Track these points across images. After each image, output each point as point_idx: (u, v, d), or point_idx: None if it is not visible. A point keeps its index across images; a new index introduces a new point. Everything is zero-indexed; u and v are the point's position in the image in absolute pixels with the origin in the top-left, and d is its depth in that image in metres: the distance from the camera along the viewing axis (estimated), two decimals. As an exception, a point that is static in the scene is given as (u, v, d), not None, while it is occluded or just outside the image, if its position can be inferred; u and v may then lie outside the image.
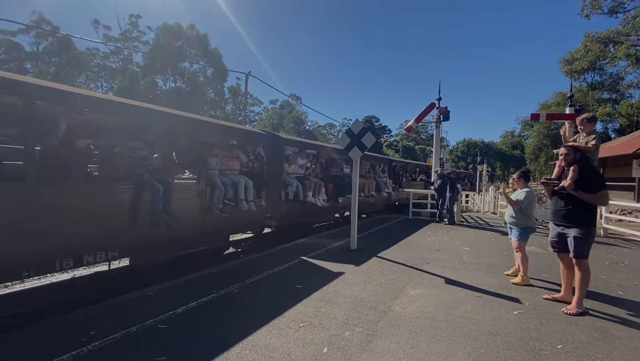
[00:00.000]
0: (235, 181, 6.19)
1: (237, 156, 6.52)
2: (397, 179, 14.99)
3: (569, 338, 3.04)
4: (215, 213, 5.73)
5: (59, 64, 37.05)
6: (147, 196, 4.64)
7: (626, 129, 27.34)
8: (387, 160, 14.82)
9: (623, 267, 5.72)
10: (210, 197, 5.70)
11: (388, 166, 14.27)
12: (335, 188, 9.40)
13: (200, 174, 5.67)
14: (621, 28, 23.13)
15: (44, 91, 3.79)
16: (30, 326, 3.06)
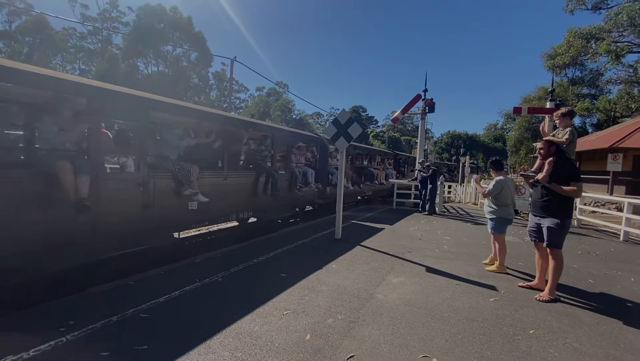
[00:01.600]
0: (304, 171, 8.95)
1: (304, 153, 9.20)
2: (400, 170, 17.87)
3: (541, 323, 3.19)
4: (295, 191, 8.53)
5: (33, 43, 35.15)
6: (267, 180, 7.38)
7: (603, 124, 28.30)
8: (393, 154, 18.01)
9: (594, 257, 6.00)
10: (293, 181, 8.48)
11: (394, 159, 17.49)
12: (359, 176, 12.34)
13: (287, 167, 8.37)
14: (603, 24, 23.66)
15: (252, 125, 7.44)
16: (6, 316, 2.97)
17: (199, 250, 5.76)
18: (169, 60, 38.97)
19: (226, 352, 2.51)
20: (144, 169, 4.80)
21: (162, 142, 5.54)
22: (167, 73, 37.83)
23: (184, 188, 5.31)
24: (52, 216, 3.74)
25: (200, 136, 6.05)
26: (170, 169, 5.19)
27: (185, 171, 5.29)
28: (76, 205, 3.91)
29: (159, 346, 2.55)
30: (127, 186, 4.57)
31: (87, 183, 3.98)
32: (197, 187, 5.48)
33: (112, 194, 4.34)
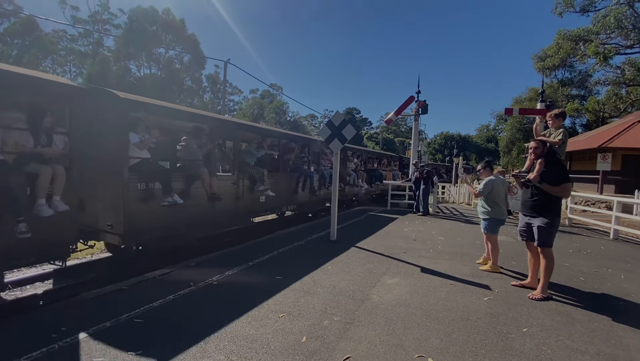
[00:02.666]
0: (330, 173, 10.08)
1: (329, 158, 10.87)
2: (404, 171, 19.32)
3: (534, 321, 3.23)
4: (324, 189, 10.37)
5: (22, 46, 34.63)
6: (306, 180, 9.26)
7: (592, 124, 28.82)
8: (398, 157, 20.47)
9: (585, 255, 6.10)
10: (323, 181, 10.36)
11: (399, 161, 19.85)
12: (370, 177, 14.15)
13: (318, 170, 10.33)
14: (591, 27, 24.11)
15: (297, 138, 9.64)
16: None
17: (263, 232, 7.63)
18: (162, 62, 38.66)
19: (222, 356, 2.50)
20: (237, 172, 6.83)
21: (246, 153, 7.48)
22: (159, 76, 37.53)
23: (258, 185, 7.35)
24: (201, 203, 5.88)
25: (265, 147, 8.05)
26: (250, 172, 7.15)
27: (260, 173, 7.30)
28: (210, 197, 5.99)
29: (154, 351, 2.52)
30: (228, 184, 6.64)
31: (215, 182, 6.09)
32: (267, 185, 7.53)
33: (223, 190, 6.37)
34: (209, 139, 6.28)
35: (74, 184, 4.05)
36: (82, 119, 4.17)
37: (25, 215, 3.53)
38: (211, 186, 5.96)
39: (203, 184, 5.83)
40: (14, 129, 3.69)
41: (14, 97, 3.76)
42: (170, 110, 5.78)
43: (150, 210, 5.01)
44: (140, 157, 4.97)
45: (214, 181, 6.03)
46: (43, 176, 3.65)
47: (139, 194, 4.87)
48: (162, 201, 5.18)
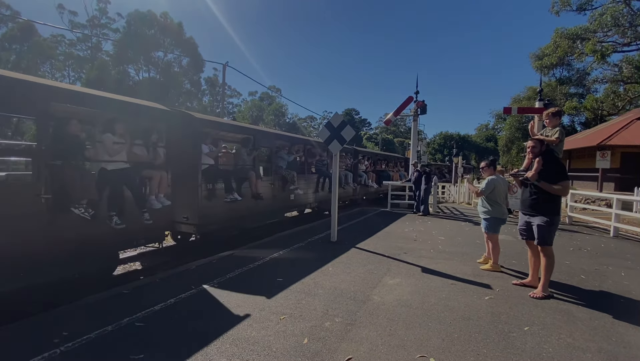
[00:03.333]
0: (346, 174, 11.96)
1: (344, 161, 12.26)
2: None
3: (535, 320, 3.24)
4: (341, 189, 11.11)
5: (21, 51, 34.66)
6: (325, 181, 10.36)
7: (591, 122, 28.86)
8: (405, 158, 21.10)
9: (586, 253, 6.10)
10: (340, 182, 10.97)
11: (405, 162, 20.20)
12: (379, 178, 15.22)
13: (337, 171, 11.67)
14: (589, 25, 24.20)
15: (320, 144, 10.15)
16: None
17: (291, 225, 8.63)
18: (160, 66, 38.73)
19: (224, 359, 2.50)
20: (273, 174, 8.12)
21: (279, 157, 8.62)
22: (158, 79, 37.58)
23: (289, 185, 8.60)
24: (249, 200, 7.12)
25: (294, 152, 9.32)
26: (283, 174, 8.44)
27: (291, 175, 8.62)
28: (255, 195, 7.25)
29: (156, 355, 2.53)
30: (267, 185, 7.81)
31: (260, 183, 7.35)
32: (296, 185, 8.87)
33: (264, 189, 7.58)
34: (254, 147, 7.45)
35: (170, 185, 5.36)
36: (171, 135, 5.40)
37: (145, 207, 4.91)
38: (256, 186, 7.29)
39: (250, 184, 7.14)
40: (135, 145, 4.93)
41: (133, 122, 4.95)
42: (226, 125, 7.65)
43: (217, 205, 6.35)
44: (209, 163, 6.28)
45: (259, 182, 7.38)
46: (154, 179, 5.04)
47: (208, 192, 6.16)
48: (225, 198, 6.56)
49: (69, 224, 3.97)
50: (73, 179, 4.00)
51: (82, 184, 4.11)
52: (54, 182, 3.81)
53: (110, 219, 4.44)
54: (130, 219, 4.69)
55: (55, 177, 3.83)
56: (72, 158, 4.10)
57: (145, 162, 5.01)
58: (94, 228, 4.23)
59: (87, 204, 4.15)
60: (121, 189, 4.61)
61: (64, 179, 3.93)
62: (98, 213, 4.27)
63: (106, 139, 4.55)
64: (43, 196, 3.67)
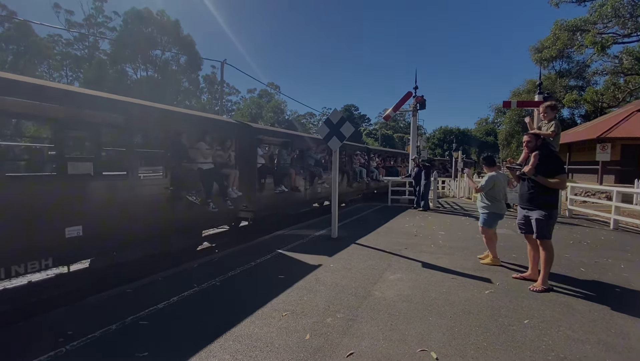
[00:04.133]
0: (360, 170, 13.49)
1: (359, 159, 14.08)
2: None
3: (535, 313, 3.27)
4: (356, 183, 13.07)
5: (18, 51, 34.52)
6: (344, 176, 11.76)
7: (591, 115, 28.79)
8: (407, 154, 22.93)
9: (585, 246, 6.12)
10: (355, 177, 12.99)
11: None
12: (388, 173, 16.48)
13: (352, 167, 12.95)
14: (588, 16, 24.02)
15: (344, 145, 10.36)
16: (4, 327, 2.95)
17: (320, 213, 10.37)
18: (158, 64, 38.61)
19: (227, 355, 2.54)
20: (305, 171, 9.68)
21: (309, 157, 10.13)
22: (156, 78, 37.47)
23: (318, 180, 10.20)
24: (289, 192, 8.59)
25: (320, 152, 10.95)
26: (312, 171, 10.03)
27: (319, 171, 10.24)
28: (293, 188, 8.86)
29: (160, 353, 2.56)
30: (301, 179, 9.44)
31: (297, 178, 8.99)
32: (322, 179, 10.35)
33: (299, 184, 9.26)
34: (292, 149, 9.20)
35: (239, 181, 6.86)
36: (237, 141, 7.05)
37: (227, 196, 6.49)
38: (295, 181, 8.94)
39: (290, 179, 8.74)
40: (217, 150, 6.62)
41: (215, 133, 6.86)
42: (273, 131, 9.55)
43: (268, 196, 7.99)
44: (262, 163, 8.01)
45: (297, 178, 9.02)
46: (231, 176, 6.65)
47: (262, 186, 7.80)
48: (276, 190, 8.21)
49: (184, 207, 5.60)
50: (185, 175, 5.63)
51: (190, 179, 5.77)
52: (174, 178, 5.40)
53: (208, 205, 6.03)
54: (219, 205, 6.31)
55: (174, 175, 5.42)
56: (183, 161, 5.69)
57: (224, 163, 6.59)
58: (198, 211, 5.86)
59: (196, 192, 5.78)
60: (212, 182, 6.14)
61: (180, 175, 5.50)
62: (202, 199, 5.91)
63: (201, 147, 6.19)
64: (169, 188, 5.32)
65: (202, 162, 6.06)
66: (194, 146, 6.11)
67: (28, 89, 3.69)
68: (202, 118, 6.71)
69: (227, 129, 7.04)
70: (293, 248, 5.78)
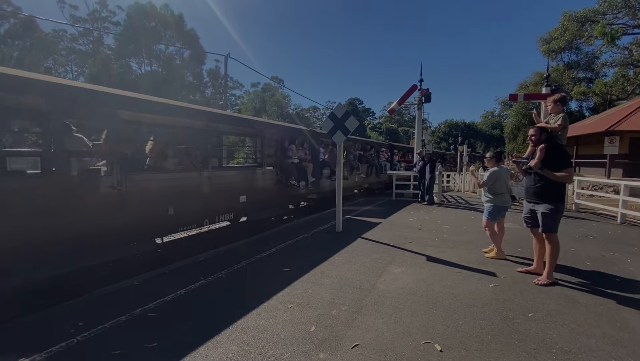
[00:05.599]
0: (385, 164, 15.66)
1: (384, 154, 16.55)
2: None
3: (540, 306, 3.27)
4: (382, 175, 15.12)
5: (23, 47, 34.74)
6: (373, 169, 14.29)
7: (600, 108, 28.33)
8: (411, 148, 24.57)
9: (592, 240, 6.09)
10: (381, 169, 15.05)
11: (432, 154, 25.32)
12: (407, 167, 17.44)
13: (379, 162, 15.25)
14: (598, 7, 23.54)
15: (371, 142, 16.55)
16: (17, 319, 3.03)
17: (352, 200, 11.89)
18: (162, 59, 38.64)
19: (234, 346, 2.58)
20: (348, 164, 11.81)
21: (350, 153, 12.34)
22: (160, 72, 37.53)
23: (356, 171, 12.61)
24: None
25: (357, 149, 13.26)
26: (352, 164, 12.28)
27: (357, 164, 12.69)
28: (344, 177, 9.84)
29: (168, 343, 2.61)
30: (346, 170, 11.31)
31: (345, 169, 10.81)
32: (359, 171, 12.80)
33: (346, 174, 11.12)
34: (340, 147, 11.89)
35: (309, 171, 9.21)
36: (309, 143, 9.79)
37: (307, 181, 9.05)
38: (345, 172, 10.72)
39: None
40: (299, 149, 9.19)
41: (299, 137, 9.39)
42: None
43: (326, 183, 10.37)
44: (323, 158, 10.67)
45: (344, 169, 10.69)
46: (309, 168, 9.13)
47: (322, 175, 10.19)
48: (331, 179, 10.29)
49: (288, 189, 8.43)
50: (288, 168, 8.31)
51: (290, 170, 8.45)
52: (282, 169, 8.16)
53: (300, 187, 8.75)
54: (303, 187, 8.83)
55: (282, 167, 8.18)
56: (286, 158, 8.41)
57: (304, 159, 9.11)
58: (297, 190, 8.75)
59: (294, 179, 8.47)
60: (299, 172, 8.66)
61: (285, 168, 8.26)
62: (296, 183, 8.57)
63: (292, 148, 8.72)
64: (280, 176, 8.04)
65: (293, 158, 8.68)
66: (289, 147, 8.64)
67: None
68: (292, 128, 9.43)
69: (304, 135, 9.61)
70: (295, 242, 5.82)
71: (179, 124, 5.59)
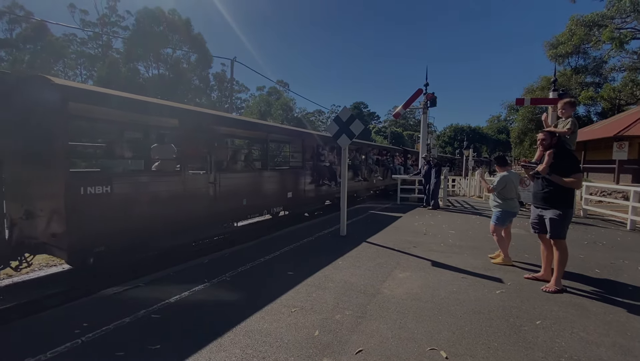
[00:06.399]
0: (400, 168, 17.09)
1: (398, 158, 18.19)
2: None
3: (548, 314, 3.21)
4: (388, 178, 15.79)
5: (34, 51, 35.36)
6: (388, 172, 15.70)
7: (608, 113, 28.01)
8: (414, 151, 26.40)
9: (601, 246, 5.98)
10: (394, 172, 15.96)
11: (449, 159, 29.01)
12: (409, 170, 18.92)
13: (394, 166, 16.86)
14: (606, 11, 23.33)
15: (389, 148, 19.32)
16: (22, 319, 3.05)
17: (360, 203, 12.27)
18: (169, 63, 39.04)
19: (237, 349, 2.57)
20: (368, 167, 13.55)
21: (369, 158, 14.07)
22: (167, 76, 37.91)
23: (374, 173, 13.99)
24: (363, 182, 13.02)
25: (375, 154, 15.05)
26: (371, 167, 13.74)
27: (375, 167, 14.08)
28: (365, 178, 13.09)
29: (172, 346, 2.61)
30: (367, 172, 13.25)
31: (366, 172, 13.29)
32: (377, 173, 14.28)
33: (367, 176, 13.27)
34: (362, 152, 13.52)
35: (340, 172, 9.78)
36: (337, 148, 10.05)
37: (337, 182, 10.09)
38: (365, 174, 12.84)
39: (361, 173, 12.56)
40: (330, 154, 10.49)
41: (329, 144, 10.39)
42: (356, 143, 12.73)
43: (353, 184, 11.84)
44: (350, 162, 11.60)
45: (365, 172, 12.90)
46: (337, 169, 10.03)
47: (352, 176, 11.85)
48: (354, 180, 11.96)
49: (322, 188, 9.98)
50: (322, 170, 9.75)
51: (324, 172, 9.92)
52: (317, 171, 9.68)
53: (331, 186, 10.13)
54: (334, 186, 10.17)
55: (317, 170, 9.75)
56: (320, 161, 9.94)
57: (334, 162, 10.40)
58: (329, 189, 10.25)
59: (326, 180, 9.88)
60: (330, 173, 10.24)
61: (320, 170, 9.80)
62: (329, 183, 9.99)
63: (325, 153, 10.05)
64: (315, 177, 9.59)
65: (326, 162, 10.17)
66: (322, 152, 10.12)
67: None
68: (325, 136, 10.49)
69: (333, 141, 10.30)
70: (298, 246, 5.80)
71: (251, 135, 9.28)
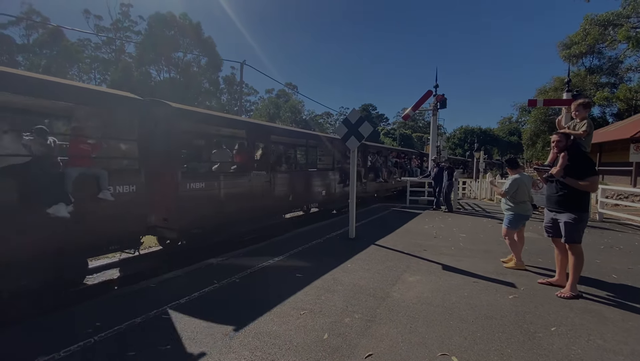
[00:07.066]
0: (416, 170, 17.67)
1: (415, 161, 19.49)
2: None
3: (563, 320, 3.13)
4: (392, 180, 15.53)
5: (50, 56, 36.36)
6: (405, 174, 16.27)
7: (624, 114, 27.28)
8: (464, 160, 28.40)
9: (618, 251, 5.81)
10: (411, 174, 16.50)
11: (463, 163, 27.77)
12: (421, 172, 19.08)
13: (411, 168, 17.87)
14: (621, 10, 22.80)
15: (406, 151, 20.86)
16: (37, 318, 3.11)
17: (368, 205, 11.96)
18: (180, 66, 39.65)
19: (246, 351, 2.57)
20: (388, 170, 14.64)
21: (388, 160, 15.25)
22: (178, 79, 38.50)
23: (393, 174, 15.05)
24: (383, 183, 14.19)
25: (394, 157, 16.13)
26: (390, 170, 14.83)
27: (394, 169, 15.41)
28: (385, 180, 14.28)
29: (182, 346, 2.63)
30: (386, 175, 14.27)
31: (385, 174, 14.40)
32: (395, 175, 15.35)
33: (386, 177, 14.31)
34: (381, 155, 14.81)
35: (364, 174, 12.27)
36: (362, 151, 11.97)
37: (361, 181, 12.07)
38: (385, 175, 13.82)
39: (382, 174, 13.55)
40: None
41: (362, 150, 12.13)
42: (374, 145, 14.46)
43: (373, 184, 13.03)
44: (370, 164, 12.92)
45: (385, 173, 13.85)
46: (362, 171, 11.98)
47: (368, 177, 12.67)
48: (378, 180, 13.20)
49: (347, 188, 9.41)
50: (348, 172, 8.43)
51: (346, 173, 10.03)
52: (344, 172, 10.38)
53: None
54: (359, 185, 10.66)
55: (344, 171, 10.35)
56: (346, 164, 10.03)
57: (358, 164, 9.74)
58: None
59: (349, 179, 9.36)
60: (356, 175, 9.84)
61: (346, 171, 9.80)
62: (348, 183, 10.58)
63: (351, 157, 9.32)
64: (342, 178, 10.55)
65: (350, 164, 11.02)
66: (348, 155, 9.87)
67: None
68: (370, 145, 12.41)
69: (366, 147, 12.00)
70: (307, 248, 5.79)
71: (295, 142, 10.51)
